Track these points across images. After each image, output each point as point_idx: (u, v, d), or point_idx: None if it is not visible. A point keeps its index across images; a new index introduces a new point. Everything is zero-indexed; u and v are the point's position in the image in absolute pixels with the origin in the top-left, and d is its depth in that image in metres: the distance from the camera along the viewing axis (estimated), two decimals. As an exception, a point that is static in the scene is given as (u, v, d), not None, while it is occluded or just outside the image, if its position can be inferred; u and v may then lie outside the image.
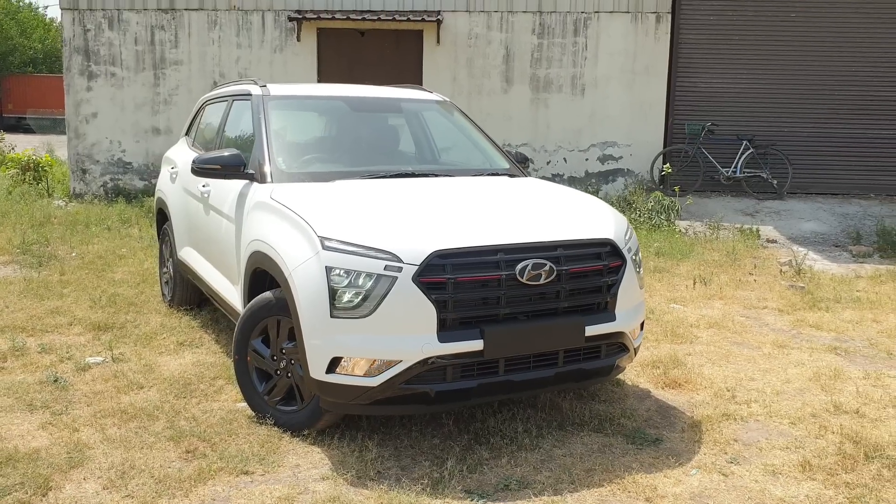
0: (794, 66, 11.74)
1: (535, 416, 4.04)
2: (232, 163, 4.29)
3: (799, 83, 11.78)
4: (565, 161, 11.84)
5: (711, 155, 11.63)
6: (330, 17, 11.43)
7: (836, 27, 11.61)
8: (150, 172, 12.02)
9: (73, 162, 12.11)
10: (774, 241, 9.70)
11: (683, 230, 9.95)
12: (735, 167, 11.62)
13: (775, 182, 11.55)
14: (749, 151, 11.56)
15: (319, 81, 11.50)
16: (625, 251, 3.82)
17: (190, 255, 5.45)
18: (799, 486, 3.40)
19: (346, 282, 3.38)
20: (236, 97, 5.20)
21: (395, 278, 3.32)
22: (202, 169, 4.32)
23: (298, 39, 11.71)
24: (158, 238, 6.53)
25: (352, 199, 3.87)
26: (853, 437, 3.86)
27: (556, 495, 3.26)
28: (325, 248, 3.43)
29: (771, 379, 4.77)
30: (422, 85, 11.23)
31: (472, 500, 3.20)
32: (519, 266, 3.46)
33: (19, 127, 31.61)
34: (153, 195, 11.08)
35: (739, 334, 5.75)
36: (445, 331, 3.37)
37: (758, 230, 9.89)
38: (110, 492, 3.23)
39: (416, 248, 3.36)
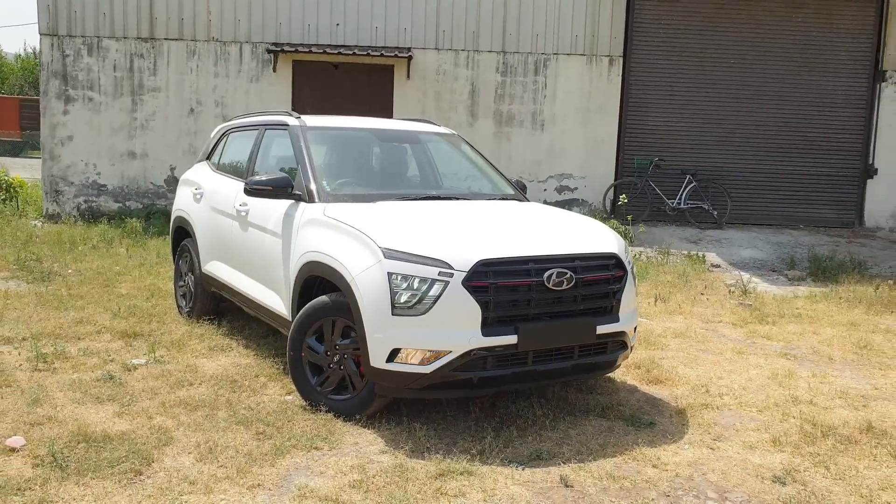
0: (732, 107, 12.90)
1: (547, 405, 4.72)
2: (282, 184, 4.88)
3: (737, 123, 12.93)
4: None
5: (658, 187, 12.64)
6: (306, 50, 12.06)
7: (770, 74, 12.83)
8: (125, 195, 12.35)
9: (46, 183, 12.34)
10: (718, 266, 10.67)
11: (637, 255, 10.83)
12: (679, 199, 12.65)
13: (715, 213, 12.61)
14: (692, 185, 12.61)
15: (294, 111, 12.05)
16: (626, 263, 4.57)
17: (218, 269, 5.97)
18: (773, 456, 4.17)
19: (404, 285, 4.02)
20: (268, 127, 5.79)
21: (448, 282, 3.98)
22: (254, 189, 4.90)
23: (274, 70, 12.29)
24: (174, 254, 7.00)
25: (399, 217, 4.53)
26: (811, 421, 4.66)
27: (580, 463, 3.94)
28: (386, 256, 4.07)
29: (736, 377, 5.57)
30: (392, 116, 11.95)
31: (513, 467, 3.85)
32: (546, 274, 4.16)
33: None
34: (130, 216, 11.46)
35: (702, 343, 6.56)
36: (487, 326, 4.03)
37: (703, 256, 10.85)
38: (205, 463, 3.77)
39: (464, 257, 4.03)
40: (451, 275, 3.99)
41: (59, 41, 12.07)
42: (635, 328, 4.81)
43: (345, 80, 12.45)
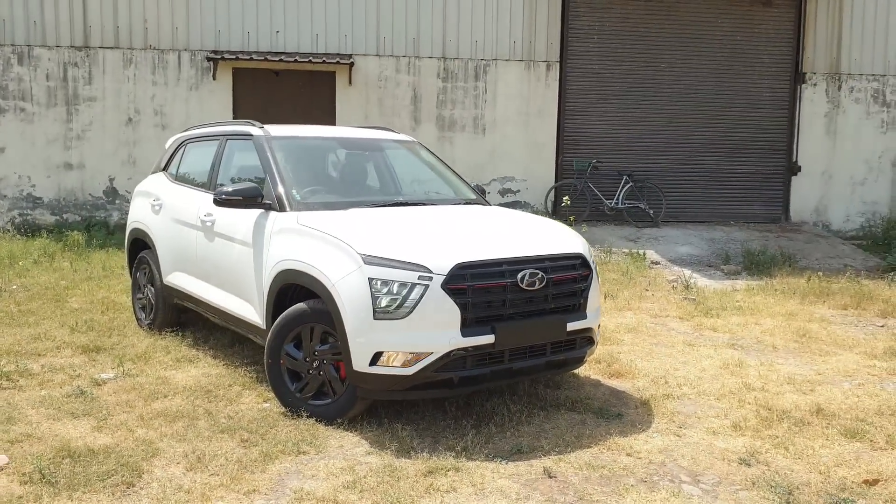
0: (665, 110, 13.39)
1: (520, 401, 4.90)
2: (252, 194, 4.93)
3: (669, 125, 13.43)
4: (469, 194, 12.86)
5: (597, 188, 13.02)
6: (247, 57, 12.00)
7: (699, 77, 13.38)
8: (62, 207, 12.05)
9: (-23, 197, 11.94)
10: (658, 263, 11.07)
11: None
12: (617, 199, 13.06)
13: (651, 212, 13.06)
14: (629, 185, 13.04)
15: (236, 118, 11.99)
16: (591, 263, 4.78)
17: (182, 280, 5.96)
18: (735, 440, 4.44)
19: (385, 290, 4.14)
20: (230, 137, 5.82)
21: (427, 286, 4.11)
22: (224, 200, 4.93)
23: (214, 78, 12.18)
24: (131, 267, 6.92)
25: (374, 224, 4.64)
26: (765, 406, 4.96)
27: (560, 455, 4.12)
28: (366, 262, 4.18)
29: (690, 368, 5.86)
30: (335, 123, 12.00)
31: (497, 461, 4.00)
32: (519, 275, 4.34)
33: None
34: (70, 229, 11.20)
35: (654, 337, 6.86)
36: (466, 327, 4.18)
37: (643, 254, 11.24)
38: (196, 472, 3.81)
39: (442, 261, 4.17)
40: (431, 278, 4.12)
41: (-12, 50, 11.71)
42: (599, 324, 5.04)
43: (286, 87, 12.44)
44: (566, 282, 4.60)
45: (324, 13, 12.33)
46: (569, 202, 12.08)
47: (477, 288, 4.22)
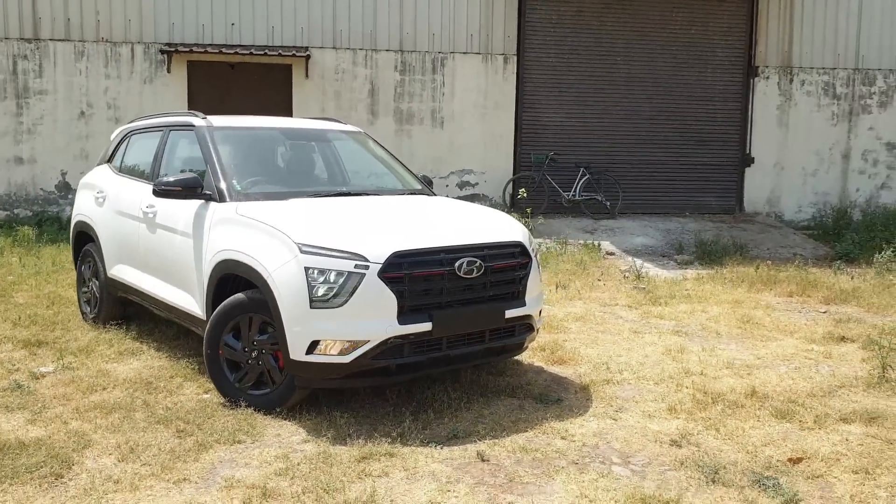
0: (620, 102, 13.52)
1: (461, 388, 4.94)
2: (191, 185, 4.91)
3: (625, 117, 13.57)
4: (427, 187, 12.88)
5: (554, 181, 13.11)
6: (202, 50, 11.89)
7: (654, 70, 13.53)
8: (13, 202, 11.86)
9: (-76, 192, 11.70)
10: (613, 254, 11.20)
11: (537, 246, 11.23)
12: (574, 191, 13.16)
13: (608, 203, 13.19)
14: (586, 177, 13.15)
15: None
16: (531, 251, 4.84)
17: (125, 272, 5.91)
18: (670, 422, 4.52)
19: (321, 279, 4.15)
20: (172, 128, 5.78)
21: (364, 274, 4.13)
22: (163, 191, 4.91)
23: (168, 71, 12.06)
24: (76, 260, 6.85)
25: (312, 213, 4.65)
26: (702, 390, 5.06)
27: (495, 439, 4.17)
28: (302, 251, 4.19)
29: (633, 355, 5.95)
30: (292, 115, 11.93)
31: (432, 447, 4.04)
32: (457, 263, 4.38)
33: None
34: (21, 224, 11.03)
35: (601, 325, 6.95)
36: (403, 315, 4.21)
37: (598, 245, 11.36)
38: (127, 463, 3.79)
39: (378, 249, 4.19)
40: (367, 267, 4.14)
41: (-66, 42, 11.47)
42: (540, 311, 5.09)
43: (242, 80, 12.35)
44: (505, 270, 4.65)
45: (279, 5, 12.26)
46: (524, 194, 12.18)
47: (414, 276, 4.25)
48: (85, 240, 6.60)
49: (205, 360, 4.66)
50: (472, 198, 13.07)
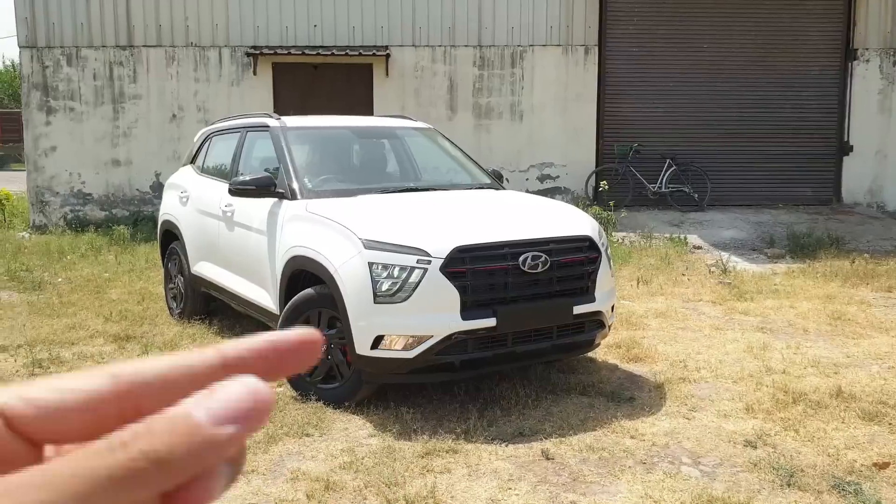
0: (708, 91, 13.08)
1: (530, 385, 4.89)
2: (264, 184, 5.03)
3: (713, 106, 13.12)
4: (507, 181, 12.70)
5: (639, 173, 12.81)
6: (285, 52, 12.18)
7: (743, 56, 13.03)
8: (111, 203, 12.45)
9: (32, 195, 12.42)
10: (700, 248, 10.87)
11: (620, 240, 11.02)
12: (660, 183, 12.83)
13: (696, 196, 12.80)
14: (672, 169, 12.79)
15: (276, 112, 12.16)
16: (600, 245, 4.73)
17: (207, 269, 6.11)
18: (746, 422, 4.35)
19: (384, 273, 4.18)
20: (249, 129, 5.94)
21: (426, 269, 4.14)
22: (238, 189, 5.05)
23: (255, 73, 12.40)
24: (163, 257, 7.13)
25: (378, 209, 4.69)
26: (783, 389, 4.85)
27: (561, 437, 4.11)
28: (366, 247, 4.23)
29: (713, 352, 5.75)
30: (373, 114, 12.07)
31: (497, 444, 4.01)
32: (521, 258, 4.33)
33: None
34: (118, 224, 11.56)
35: (682, 321, 6.74)
36: (466, 310, 4.19)
37: (685, 238, 11.04)
38: (200, 453, 3.91)
39: (440, 244, 4.19)
40: (429, 262, 4.15)
41: (39, 53, 12.14)
42: (613, 307, 4.98)
43: (325, 80, 12.57)
44: (572, 264, 4.57)
45: (360, 6, 12.42)
46: (606, 186, 11.97)
47: (476, 271, 4.23)
48: (171, 238, 6.86)
49: (277, 355, 4.76)
50: (553, 191, 12.93)
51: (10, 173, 27.27)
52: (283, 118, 5.67)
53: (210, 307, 6.67)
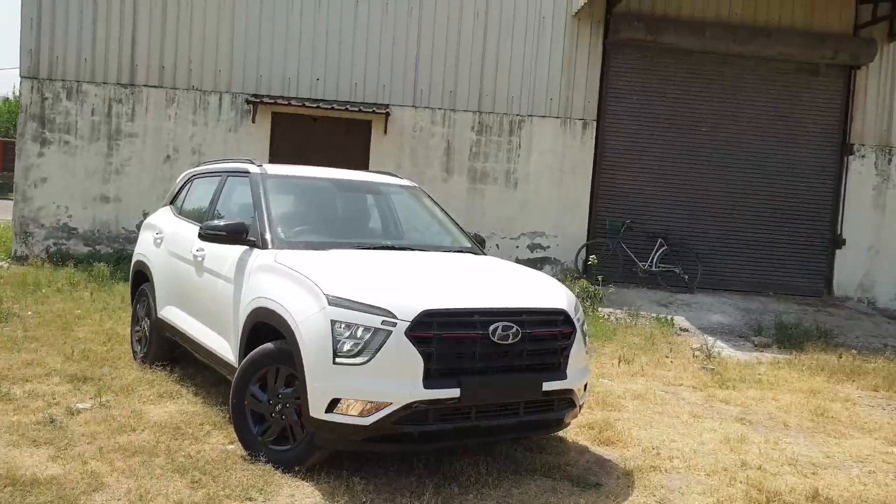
0: (704, 173, 13.09)
1: (493, 463, 4.65)
2: (236, 230, 4.89)
3: (709, 189, 13.11)
4: (498, 247, 12.71)
5: (630, 249, 12.72)
6: (286, 102, 12.20)
7: (741, 142, 13.08)
8: (96, 239, 12.28)
9: (17, 224, 12.26)
10: (687, 330, 10.69)
11: (606, 316, 10.84)
12: (651, 262, 12.73)
13: (686, 277, 12.68)
14: (663, 248, 12.71)
15: (271, 162, 12.11)
16: (575, 321, 4.56)
17: (173, 314, 5.92)
18: (715, 520, 4.12)
19: (347, 333, 3.99)
20: (230, 174, 5.82)
21: (390, 332, 3.96)
22: (209, 234, 4.90)
23: (253, 121, 12.39)
24: (132, 299, 6.93)
25: (349, 265, 4.53)
26: (757, 486, 4.62)
27: (519, 522, 3.87)
28: (330, 303, 4.05)
29: (689, 441, 5.53)
30: (368, 170, 12.02)
31: (449, 524, 3.77)
32: (491, 327, 4.15)
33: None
34: (99, 261, 11.37)
35: (661, 405, 6.53)
36: (429, 379, 4.00)
37: (672, 319, 10.87)
38: (132, 511, 3.67)
39: (408, 306, 4.02)
40: (395, 324, 3.97)
41: (40, 84, 12.14)
42: (586, 386, 4.78)
43: (323, 133, 12.57)
44: (545, 338, 4.39)
45: (363, 63, 12.50)
46: (596, 261, 11.85)
47: (444, 337, 4.05)
48: (142, 279, 6.68)
49: (230, 410, 4.55)
50: (542, 261, 12.81)
51: (8, 202, 27.15)
52: (265, 165, 5.56)
53: (175, 353, 6.45)
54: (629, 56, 12.91)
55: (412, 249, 5.23)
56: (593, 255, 12.02)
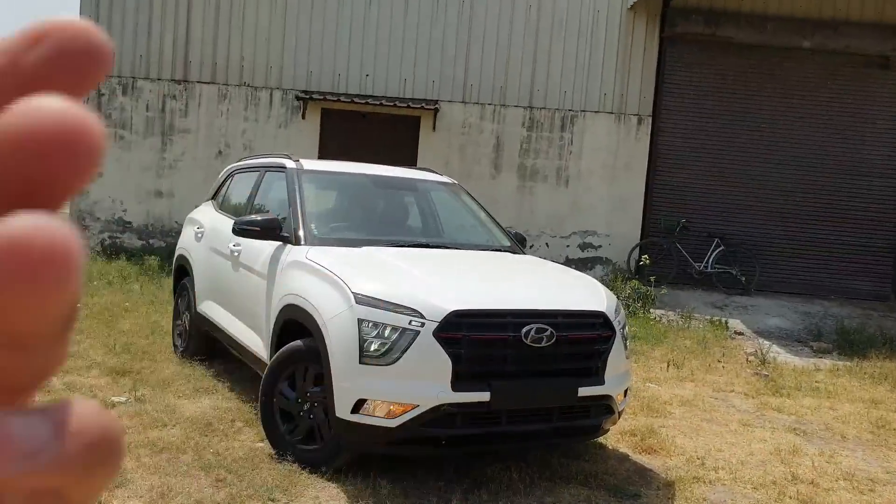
0: (764, 171, 12.62)
1: (527, 469, 4.48)
2: (269, 226, 4.82)
3: (769, 188, 12.64)
4: (547, 246, 12.49)
5: (685, 249, 12.35)
6: (335, 98, 12.18)
7: (803, 139, 12.57)
8: (149, 233, 12.47)
9: (73, 218, 12.52)
10: (741, 334, 10.31)
11: (657, 318, 10.53)
12: (706, 263, 12.33)
13: (743, 279, 12.25)
14: (720, 248, 12.30)
15: (320, 157, 12.12)
16: (615, 324, 4.36)
17: (211, 308, 5.90)
18: (760, 537, 3.88)
19: (374, 332, 3.88)
20: (269, 169, 5.77)
21: (418, 332, 3.82)
22: (242, 229, 4.84)
23: (303, 117, 12.42)
24: (174, 293, 6.96)
25: (380, 263, 4.42)
26: (808, 502, 4.36)
27: (549, 533, 3.70)
28: (357, 302, 3.94)
29: (737, 451, 5.27)
30: (416, 166, 11.92)
31: (475, 533, 3.63)
32: (524, 329, 3.99)
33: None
34: (151, 254, 11.54)
35: (709, 412, 6.26)
36: (458, 381, 3.85)
37: (726, 322, 10.50)
38: (153, 509, 3.62)
39: (437, 306, 3.88)
40: (423, 324, 3.84)
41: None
42: (627, 391, 4.58)
43: (371, 129, 12.52)
44: (581, 342, 4.21)
45: (413, 60, 12.40)
46: (647, 261, 11.54)
47: (473, 339, 3.90)
48: (183, 273, 6.70)
49: (259, 407, 4.48)
50: (594, 260, 12.54)
51: (70, 196, 27.91)
52: (302, 160, 5.49)
53: (214, 348, 6.44)
54: (686, 50, 12.53)
55: (448, 248, 5.10)
56: (645, 255, 11.71)
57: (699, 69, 12.58)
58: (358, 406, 3.88)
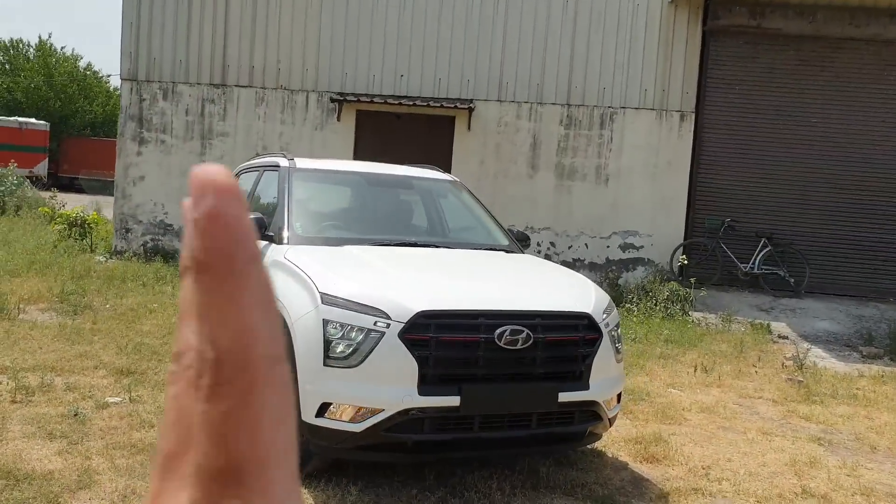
0: (814, 168, 12.04)
1: (510, 477, 4.29)
2: (255, 225, 4.73)
3: (819, 185, 12.05)
4: (587, 247, 12.19)
5: (730, 250, 11.88)
6: (369, 100, 12.14)
7: (856, 134, 11.94)
8: (189, 235, 12.63)
9: (117, 221, 12.80)
10: (786, 337, 9.84)
11: (696, 321, 10.14)
12: (753, 263, 11.83)
13: (792, 280, 11.71)
14: (767, 248, 11.78)
15: (355, 159, 12.10)
16: (602, 325, 4.13)
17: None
18: (750, 556, 3.60)
19: (339, 334, 3.75)
20: (267, 168, 5.71)
21: (383, 333, 3.68)
22: (226, 229, 4.77)
23: (338, 119, 12.41)
24: (186, 293, 6.97)
25: (358, 262, 4.29)
26: (814, 518, 4.04)
27: (516, 546, 3.50)
28: (323, 302, 3.82)
29: (748, 461, 4.96)
30: (451, 167, 11.79)
31: (437, 544, 3.46)
32: (497, 331, 3.80)
33: (72, 186, 32.65)
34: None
35: (728, 420, 5.93)
36: (426, 385, 3.69)
37: (769, 325, 10.05)
38: (111, 511, 3.56)
39: (404, 307, 3.73)
40: (388, 325, 3.69)
41: (138, 86, 12.62)
42: (619, 397, 4.35)
43: (406, 129, 12.43)
44: (562, 344, 3.99)
45: (447, 59, 12.27)
46: (684, 261, 11.16)
47: (441, 341, 3.73)
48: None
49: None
50: (635, 261, 12.18)
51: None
52: (297, 159, 5.40)
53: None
54: (730, 43, 12.06)
55: (436, 247, 4.93)
56: (683, 256, 11.31)
57: (744, 63, 12.09)
58: (323, 409, 3.76)
